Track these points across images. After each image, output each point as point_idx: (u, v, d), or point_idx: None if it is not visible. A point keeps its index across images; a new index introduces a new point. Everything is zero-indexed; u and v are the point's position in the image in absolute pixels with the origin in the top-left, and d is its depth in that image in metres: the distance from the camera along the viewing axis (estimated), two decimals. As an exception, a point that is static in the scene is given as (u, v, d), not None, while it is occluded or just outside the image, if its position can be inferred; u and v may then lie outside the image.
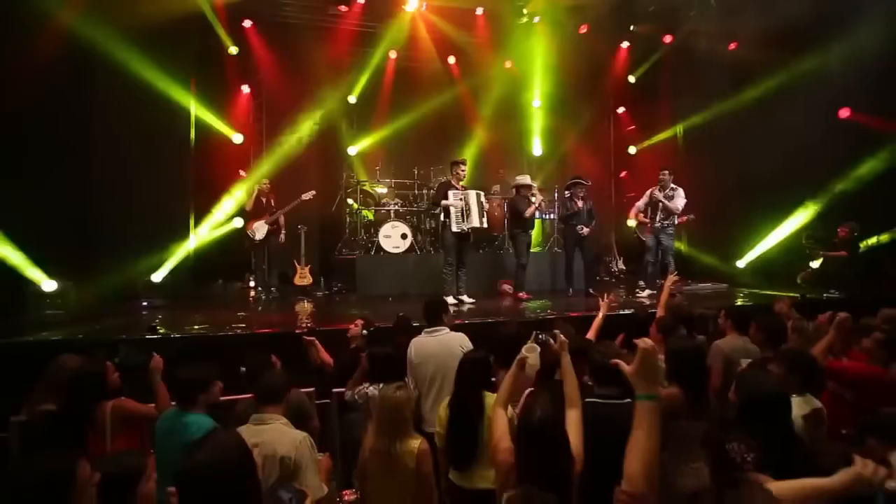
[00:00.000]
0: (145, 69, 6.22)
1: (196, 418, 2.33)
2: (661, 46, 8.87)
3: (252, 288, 7.37)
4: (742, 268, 7.73)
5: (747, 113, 7.58)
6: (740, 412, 2.09)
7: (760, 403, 1.98)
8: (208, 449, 1.19)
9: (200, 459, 1.17)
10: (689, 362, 2.54)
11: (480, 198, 6.04)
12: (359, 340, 3.61)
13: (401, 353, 3.13)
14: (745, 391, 2.10)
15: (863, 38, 6.42)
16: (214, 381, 2.47)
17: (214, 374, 2.48)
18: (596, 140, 9.81)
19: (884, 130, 6.23)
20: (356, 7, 8.18)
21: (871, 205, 6.16)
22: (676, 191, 6.37)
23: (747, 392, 2.08)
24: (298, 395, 2.96)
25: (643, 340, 1.36)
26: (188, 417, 2.31)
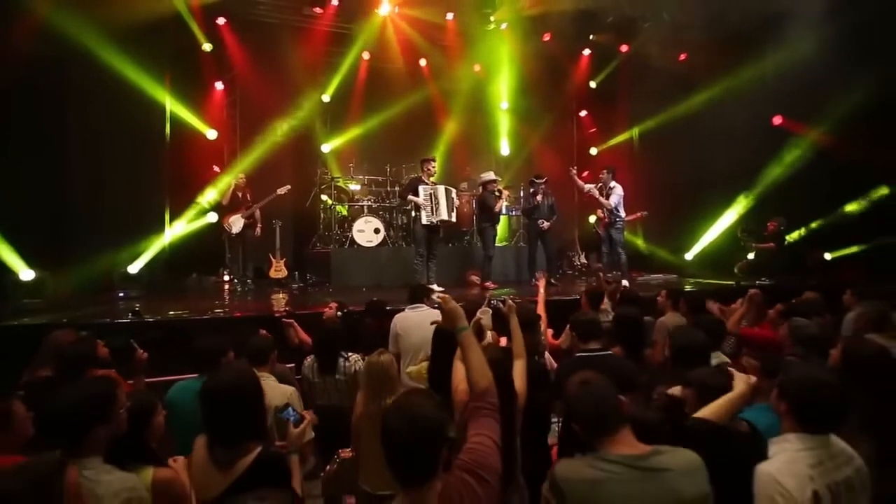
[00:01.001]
0: (120, 64, 6.30)
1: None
2: (619, 55, 9.49)
3: (227, 281, 7.53)
4: (690, 259, 8.40)
5: (695, 117, 8.24)
6: (672, 359, 2.59)
7: (687, 350, 2.48)
8: (229, 372, 1.52)
9: (222, 379, 1.50)
10: (629, 328, 3.10)
11: (451, 193, 6.43)
12: (334, 321, 3.94)
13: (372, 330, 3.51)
14: (676, 343, 2.60)
15: (794, 51, 7.15)
16: (229, 348, 2.66)
17: (229, 342, 2.68)
18: (559, 141, 10.35)
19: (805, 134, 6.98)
20: (330, 9, 8.42)
21: (794, 200, 6.90)
22: (614, 189, 6.91)
23: (677, 343, 2.59)
24: (282, 367, 3.29)
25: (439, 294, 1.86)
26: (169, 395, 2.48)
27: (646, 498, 1.39)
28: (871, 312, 3.23)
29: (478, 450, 1.35)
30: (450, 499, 1.23)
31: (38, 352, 2.65)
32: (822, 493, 1.53)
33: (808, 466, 1.56)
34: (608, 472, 1.42)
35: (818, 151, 6.79)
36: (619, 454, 1.45)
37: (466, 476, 1.28)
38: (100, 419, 1.45)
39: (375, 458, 2.49)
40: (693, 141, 8.38)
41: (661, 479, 1.41)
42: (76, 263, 5.57)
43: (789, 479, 1.53)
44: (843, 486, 1.57)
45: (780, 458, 1.60)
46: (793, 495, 1.51)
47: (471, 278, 7.30)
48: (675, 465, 1.45)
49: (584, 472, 1.44)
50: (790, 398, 1.66)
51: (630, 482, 1.40)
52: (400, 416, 1.27)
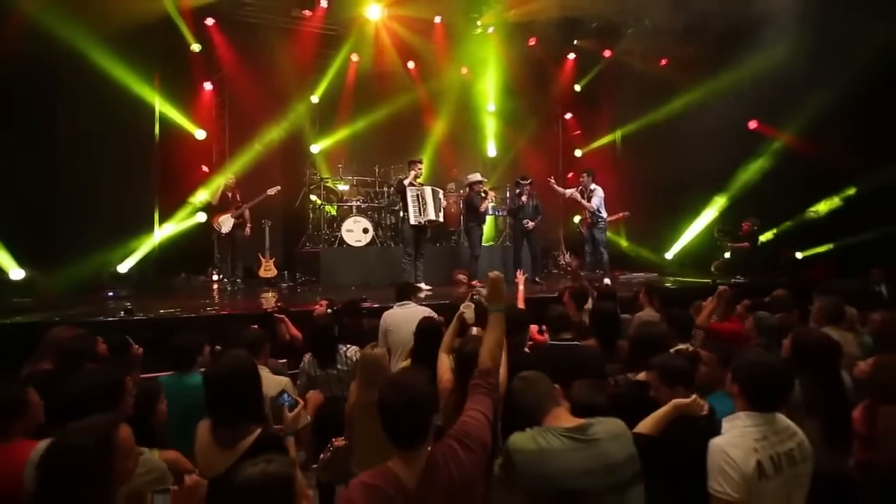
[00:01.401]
0: (110, 64, 6.33)
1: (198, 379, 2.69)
2: (602, 59, 9.74)
3: (216, 281, 7.58)
4: (670, 259, 8.68)
5: (675, 121, 8.51)
6: (632, 350, 2.79)
7: (647, 341, 2.67)
8: (230, 360, 1.66)
9: (224, 365, 1.64)
10: (604, 321, 3.31)
11: (438, 194, 6.59)
12: (325, 318, 4.06)
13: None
14: (637, 335, 2.81)
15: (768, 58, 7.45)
16: (204, 344, 2.82)
17: (203, 338, 2.84)
18: (545, 143, 10.59)
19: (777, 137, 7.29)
20: (319, 11, 8.51)
21: (767, 201, 7.21)
22: (594, 191, 7.13)
23: (638, 335, 2.79)
24: (274, 361, 3.42)
25: (494, 273, 1.97)
26: (191, 379, 2.57)
27: (584, 463, 1.60)
28: (827, 307, 3.46)
29: (469, 422, 1.54)
30: (435, 461, 1.41)
31: (39, 346, 2.74)
32: (765, 462, 1.72)
33: (754, 440, 1.75)
34: (552, 443, 1.63)
35: (790, 154, 7.10)
36: (560, 427, 1.66)
37: (454, 443, 1.46)
38: (110, 405, 1.58)
39: (369, 445, 2.62)
40: (673, 143, 8.65)
41: (596, 446, 1.64)
42: (66, 263, 5.60)
43: (736, 451, 1.72)
44: (785, 457, 1.76)
45: (730, 433, 1.79)
46: (738, 464, 1.70)
47: (458, 277, 7.46)
48: (606, 433, 1.67)
49: (531, 443, 1.64)
50: (740, 381, 1.85)
51: (570, 451, 1.62)
52: (395, 389, 1.46)
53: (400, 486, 1.36)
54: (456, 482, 1.40)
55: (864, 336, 3.62)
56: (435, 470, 1.39)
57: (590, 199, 7.12)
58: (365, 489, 1.35)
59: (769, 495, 1.71)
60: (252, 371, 1.74)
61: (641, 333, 2.78)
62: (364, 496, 1.34)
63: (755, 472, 1.70)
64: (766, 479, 1.71)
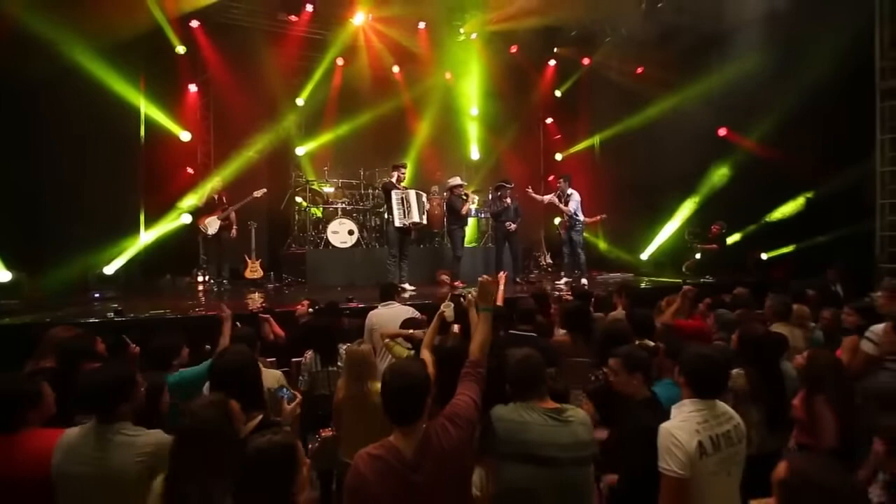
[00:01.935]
0: (95, 66, 6.36)
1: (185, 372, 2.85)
2: (581, 67, 10.06)
3: (201, 282, 7.65)
4: (645, 259, 9.05)
5: (650, 127, 8.84)
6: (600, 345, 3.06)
7: (613, 336, 2.93)
8: (234, 353, 1.85)
9: (229, 358, 1.83)
10: (577, 318, 3.58)
11: (422, 197, 6.79)
12: (306, 317, 4.22)
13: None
14: (603, 330, 3.08)
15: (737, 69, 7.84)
16: (182, 346, 2.93)
17: (182, 340, 2.95)
18: (527, 147, 10.86)
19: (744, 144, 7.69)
20: (304, 15, 8.63)
21: (735, 204, 7.61)
22: (571, 195, 7.43)
23: (603, 331, 3.07)
24: (262, 359, 3.58)
25: (484, 277, 2.23)
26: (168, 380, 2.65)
27: (558, 438, 1.92)
28: (776, 305, 3.78)
29: (458, 404, 1.79)
30: (429, 435, 1.65)
31: (39, 345, 2.86)
32: (705, 443, 1.97)
33: (697, 423, 2.00)
34: (533, 417, 1.92)
35: (755, 160, 7.49)
36: (542, 407, 1.96)
37: (445, 421, 1.71)
38: (125, 396, 1.76)
39: (355, 435, 2.82)
40: (649, 148, 9.00)
41: (569, 426, 1.95)
42: (52, 265, 5.64)
43: (681, 433, 1.96)
44: (723, 437, 2.01)
45: (676, 418, 2.04)
46: (683, 445, 1.94)
47: (441, 277, 7.66)
48: (576, 418, 2.01)
49: (515, 415, 1.92)
50: (686, 372, 2.11)
51: (548, 426, 1.93)
52: (397, 375, 1.69)
53: (399, 455, 1.59)
54: (447, 452, 1.64)
55: (816, 331, 3.96)
56: (429, 442, 1.63)
57: (567, 203, 7.41)
58: (370, 459, 1.58)
59: (709, 471, 1.96)
60: (254, 363, 1.94)
61: (607, 330, 3.05)
62: (369, 464, 1.56)
63: (697, 451, 1.94)
64: (707, 457, 1.96)
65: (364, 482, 1.54)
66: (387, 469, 1.55)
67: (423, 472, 1.58)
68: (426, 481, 1.58)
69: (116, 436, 1.70)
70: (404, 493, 1.55)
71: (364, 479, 1.55)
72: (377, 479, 1.54)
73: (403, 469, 1.57)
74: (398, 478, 1.56)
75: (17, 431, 1.77)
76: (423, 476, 1.58)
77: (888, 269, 6.05)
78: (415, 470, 1.57)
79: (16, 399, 1.79)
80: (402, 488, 1.55)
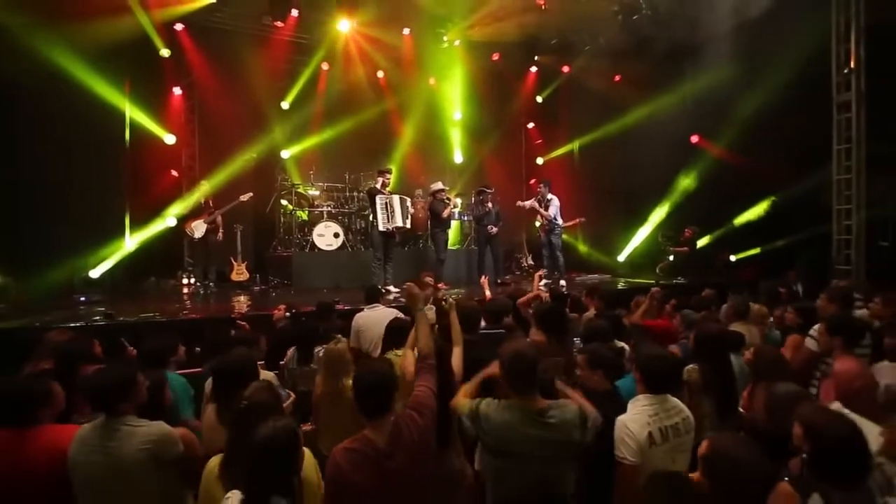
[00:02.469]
0: (79, 70, 6.40)
1: (172, 377, 3.02)
2: (561, 75, 10.36)
3: (186, 284, 7.71)
4: (622, 261, 9.39)
5: (627, 133, 9.19)
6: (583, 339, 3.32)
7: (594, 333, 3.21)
8: (235, 355, 2.04)
9: (231, 360, 2.02)
10: (552, 318, 3.80)
11: (405, 202, 6.98)
12: (284, 321, 4.35)
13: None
14: (585, 330, 3.34)
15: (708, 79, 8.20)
16: (178, 344, 3.09)
17: (177, 339, 3.10)
18: (509, 151, 11.13)
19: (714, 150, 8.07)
20: (290, 20, 8.71)
21: (705, 208, 7.99)
22: (552, 201, 7.71)
23: (586, 330, 3.33)
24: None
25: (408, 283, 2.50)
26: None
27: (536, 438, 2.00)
28: (736, 305, 4.08)
29: (419, 395, 1.99)
30: (399, 425, 1.85)
31: (37, 348, 2.99)
32: (654, 433, 2.21)
33: (648, 416, 2.24)
34: (515, 417, 2.02)
35: (725, 166, 7.87)
36: (528, 406, 2.04)
37: (412, 412, 1.91)
38: (129, 394, 1.94)
39: (333, 428, 3.01)
40: (625, 154, 9.34)
41: (548, 428, 2.01)
42: (38, 268, 5.68)
43: (633, 425, 2.21)
44: (671, 429, 2.26)
45: (631, 411, 2.28)
46: (635, 435, 2.19)
47: (425, 279, 7.87)
48: (559, 418, 2.03)
49: (498, 416, 2.04)
50: (640, 369, 2.36)
51: (528, 426, 2.00)
52: (365, 373, 1.91)
53: (373, 445, 1.79)
54: (416, 440, 1.84)
55: (773, 330, 4.27)
56: (400, 432, 1.82)
57: (547, 207, 7.67)
58: (346, 452, 1.77)
59: (658, 458, 2.20)
60: (253, 364, 2.14)
61: (588, 329, 3.31)
62: (345, 457, 1.75)
63: (647, 441, 2.19)
64: (656, 446, 2.20)
65: (341, 472, 1.72)
66: (362, 459, 1.73)
67: (396, 458, 1.77)
68: (399, 466, 1.76)
69: (122, 427, 1.88)
70: (380, 479, 1.74)
71: (341, 470, 1.72)
72: (353, 469, 1.72)
73: (378, 457, 1.75)
74: (374, 466, 1.74)
75: (29, 427, 1.93)
76: (396, 462, 1.76)
77: (843, 270, 6.45)
78: (389, 457, 1.76)
79: (28, 398, 1.95)
80: (377, 475, 1.74)
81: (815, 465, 1.72)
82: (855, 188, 6.42)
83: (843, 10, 6.38)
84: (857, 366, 2.63)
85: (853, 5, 6.25)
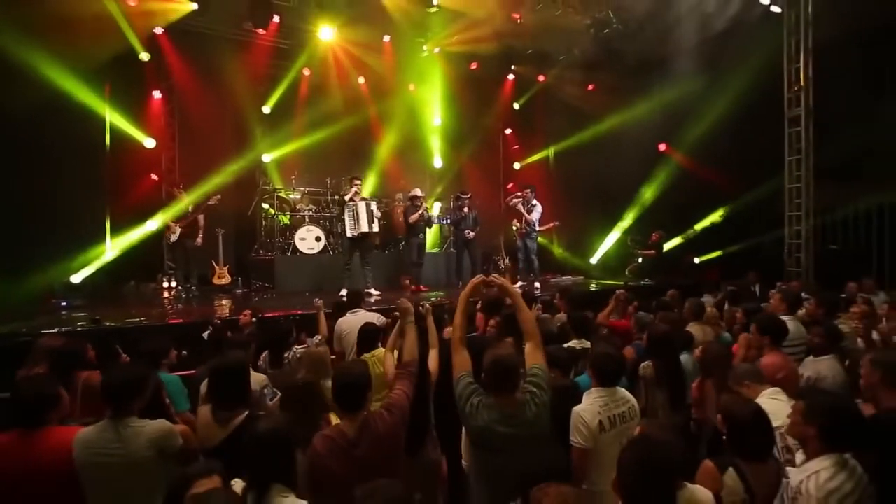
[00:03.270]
0: (58, 74, 6.41)
1: (166, 377, 3.19)
2: (538, 83, 10.72)
3: (166, 288, 7.75)
4: (594, 263, 9.80)
5: (600, 140, 9.58)
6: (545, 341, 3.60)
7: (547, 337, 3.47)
8: (228, 357, 2.25)
9: (224, 362, 2.24)
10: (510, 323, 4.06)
11: (370, 206, 7.14)
12: (250, 327, 4.51)
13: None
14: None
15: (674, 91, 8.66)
16: (170, 348, 3.27)
17: (169, 342, 3.28)
18: (487, 156, 11.45)
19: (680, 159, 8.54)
20: (271, 26, 8.80)
21: (672, 213, 8.45)
22: (535, 206, 8.05)
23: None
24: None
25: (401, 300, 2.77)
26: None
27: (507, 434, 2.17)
28: (693, 306, 4.44)
29: (394, 397, 2.26)
30: (368, 420, 2.10)
31: (31, 353, 3.12)
32: (604, 421, 2.51)
33: (599, 407, 2.54)
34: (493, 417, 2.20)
35: (690, 173, 8.34)
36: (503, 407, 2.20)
37: (382, 410, 2.18)
38: (142, 391, 2.15)
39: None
40: (598, 160, 9.72)
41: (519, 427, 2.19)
42: (18, 274, 5.71)
43: (586, 415, 2.51)
44: (619, 417, 2.56)
45: (584, 403, 2.58)
46: (587, 423, 2.48)
47: (404, 282, 8.13)
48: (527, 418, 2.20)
49: (476, 420, 2.21)
50: (592, 366, 2.66)
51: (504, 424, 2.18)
52: (343, 373, 2.17)
53: (344, 436, 2.06)
54: (382, 434, 2.10)
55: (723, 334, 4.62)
56: (368, 425, 2.09)
57: (530, 211, 8.00)
58: (323, 438, 2.06)
59: (607, 443, 2.50)
60: (246, 367, 2.35)
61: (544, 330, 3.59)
62: (322, 443, 2.04)
63: (598, 428, 2.49)
64: (605, 433, 2.50)
65: (319, 457, 1.99)
66: (335, 446, 2.01)
67: (362, 448, 2.03)
68: (365, 455, 2.02)
69: (128, 428, 2.07)
70: (348, 465, 2.00)
71: (318, 455, 2.00)
72: (328, 454, 1.99)
73: (347, 446, 2.02)
74: (343, 452, 2.01)
75: (39, 428, 2.09)
76: (362, 451, 2.02)
77: (794, 272, 6.95)
78: (355, 446, 2.03)
79: (40, 400, 2.11)
80: (346, 461, 2.00)
81: (730, 444, 2.04)
82: (804, 196, 6.93)
83: (794, 32, 6.88)
84: (781, 360, 2.99)
85: (802, 27, 6.75)
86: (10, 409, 2.15)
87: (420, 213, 7.66)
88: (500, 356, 2.33)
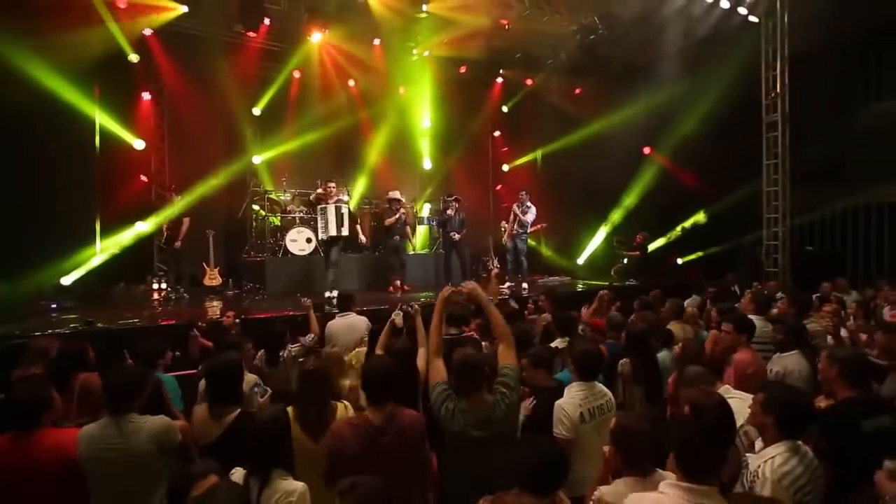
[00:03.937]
0: (48, 76, 6.40)
1: (162, 377, 3.25)
2: (525, 86, 10.90)
3: (156, 289, 7.75)
4: (581, 264, 10.00)
5: (586, 143, 9.80)
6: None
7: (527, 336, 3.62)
8: (222, 357, 2.35)
9: (218, 361, 2.33)
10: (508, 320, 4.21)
11: (340, 210, 7.14)
12: (235, 328, 4.54)
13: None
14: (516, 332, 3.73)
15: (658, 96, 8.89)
16: (167, 349, 3.35)
17: (166, 343, 3.35)
18: (476, 158, 11.58)
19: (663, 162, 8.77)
20: (262, 28, 8.85)
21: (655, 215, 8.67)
22: (530, 208, 8.22)
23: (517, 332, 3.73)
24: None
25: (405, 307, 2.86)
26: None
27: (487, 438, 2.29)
28: (673, 306, 4.62)
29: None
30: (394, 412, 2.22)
31: (26, 355, 3.17)
32: (585, 413, 2.66)
33: (580, 400, 2.69)
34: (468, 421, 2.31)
35: (673, 176, 8.57)
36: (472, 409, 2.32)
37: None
38: (142, 390, 2.24)
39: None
40: (585, 162, 9.92)
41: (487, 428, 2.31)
42: (7, 276, 5.69)
43: (568, 407, 2.65)
44: (597, 409, 2.71)
45: (566, 396, 2.73)
46: (570, 415, 2.62)
47: (395, 282, 8.23)
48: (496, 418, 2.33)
49: (453, 425, 2.33)
50: (573, 361, 2.80)
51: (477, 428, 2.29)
52: (376, 366, 2.32)
53: (371, 424, 2.17)
54: (406, 424, 2.24)
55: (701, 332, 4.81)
56: (394, 416, 2.21)
57: (525, 213, 8.16)
58: (349, 426, 2.17)
59: (587, 433, 2.65)
60: (240, 367, 2.45)
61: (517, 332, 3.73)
62: (348, 430, 2.14)
63: (579, 419, 2.63)
64: (586, 423, 2.65)
65: (344, 443, 2.09)
66: (362, 433, 2.12)
67: (388, 436, 2.15)
68: (391, 442, 2.15)
69: (129, 424, 2.15)
70: (373, 452, 2.10)
71: (344, 440, 2.09)
72: (354, 441, 2.09)
73: (375, 433, 2.14)
74: (370, 439, 2.12)
75: (34, 430, 2.14)
76: (388, 439, 2.15)
77: (772, 272, 7.19)
78: (382, 433, 2.15)
79: (35, 402, 2.16)
80: (372, 447, 2.11)
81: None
82: (781, 199, 7.18)
83: (771, 41, 7.13)
84: (751, 356, 3.17)
85: (779, 36, 7.00)
86: (4, 411, 2.19)
87: (396, 217, 7.73)
88: (466, 356, 2.46)
